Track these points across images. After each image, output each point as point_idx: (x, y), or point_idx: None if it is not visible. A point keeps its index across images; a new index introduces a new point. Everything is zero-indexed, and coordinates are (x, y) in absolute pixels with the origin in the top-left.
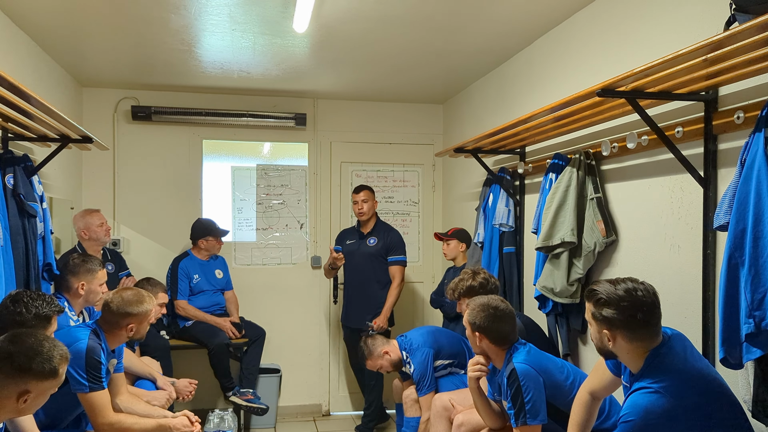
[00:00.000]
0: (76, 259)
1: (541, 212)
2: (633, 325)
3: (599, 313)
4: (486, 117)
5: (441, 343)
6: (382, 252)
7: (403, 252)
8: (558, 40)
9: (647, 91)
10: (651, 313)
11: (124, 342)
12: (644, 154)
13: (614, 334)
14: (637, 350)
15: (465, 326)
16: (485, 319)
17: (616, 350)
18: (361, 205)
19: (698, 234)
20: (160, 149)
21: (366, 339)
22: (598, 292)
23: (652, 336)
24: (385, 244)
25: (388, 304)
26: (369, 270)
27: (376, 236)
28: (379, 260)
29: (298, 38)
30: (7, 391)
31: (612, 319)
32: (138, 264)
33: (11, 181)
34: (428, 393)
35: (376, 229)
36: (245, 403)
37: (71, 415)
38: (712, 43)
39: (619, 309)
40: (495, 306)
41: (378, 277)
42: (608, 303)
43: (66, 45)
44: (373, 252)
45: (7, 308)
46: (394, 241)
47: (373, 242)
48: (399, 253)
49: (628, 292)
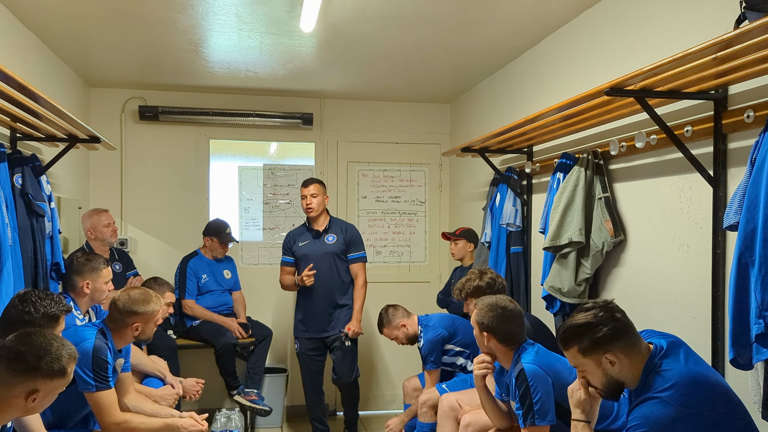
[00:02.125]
0: (81, 258)
1: (548, 212)
2: (621, 330)
3: (589, 341)
4: (493, 116)
5: (457, 330)
6: (343, 249)
7: (364, 248)
8: (566, 38)
9: (656, 90)
10: (624, 313)
11: (131, 342)
12: (653, 154)
13: (613, 352)
14: (635, 361)
15: (473, 326)
16: (493, 319)
17: (621, 373)
18: (310, 200)
19: (708, 234)
20: (167, 149)
21: (388, 307)
22: (575, 325)
23: (639, 340)
24: (345, 241)
25: (357, 307)
26: (331, 270)
27: (334, 233)
28: (340, 259)
29: (304, 38)
30: (16, 390)
31: (603, 336)
32: (145, 263)
33: (20, 181)
34: (433, 369)
35: (331, 225)
36: (249, 404)
37: (79, 415)
38: (722, 41)
39: (602, 321)
40: (503, 306)
41: (342, 277)
42: (590, 325)
43: (74, 45)
44: (334, 250)
45: (15, 307)
46: (355, 237)
47: (332, 239)
48: (360, 249)
49: (595, 306)
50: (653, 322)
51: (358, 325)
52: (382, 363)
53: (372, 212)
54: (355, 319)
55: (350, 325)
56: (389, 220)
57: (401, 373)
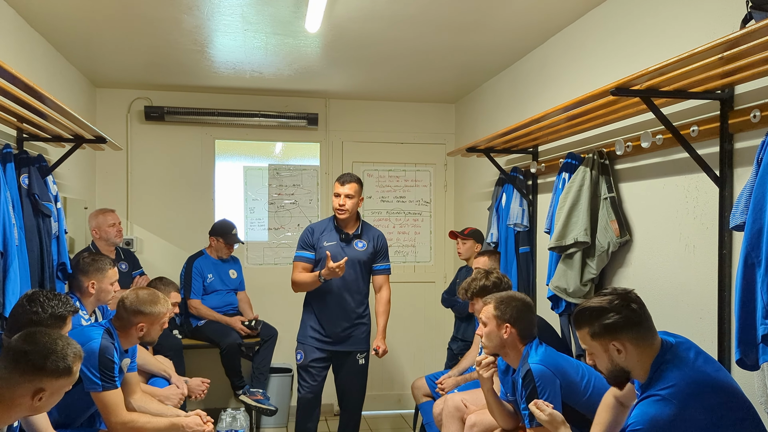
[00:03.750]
0: (86, 259)
1: (554, 212)
2: (633, 320)
3: (599, 326)
4: (498, 116)
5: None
6: (372, 259)
7: (389, 259)
8: (571, 38)
9: (662, 90)
10: (642, 305)
11: (136, 343)
12: (659, 154)
13: (621, 341)
14: (644, 354)
15: (485, 323)
16: (515, 310)
17: (628, 362)
18: (344, 201)
19: (714, 234)
20: (172, 149)
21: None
22: (588, 308)
23: (653, 335)
24: (375, 250)
25: (382, 324)
26: (356, 280)
27: (366, 240)
28: (367, 269)
29: (310, 38)
30: (22, 389)
31: (613, 323)
32: (151, 263)
33: (26, 181)
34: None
35: (363, 230)
36: (254, 403)
37: (85, 414)
38: (729, 41)
39: (615, 308)
40: (521, 298)
41: (364, 288)
42: (603, 309)
43: (80, 46)
44: (363, 258)
45: (23, 308)
46: (384, 247)
47: (363, 246)
48: (387, 261)
49: (614, 292)
50: (659, 323)
51: (384, 343)
52: (389, 363)
53: (377, 212)
54: (381, 336)
55: (378, 343)
56: (394, 220)
57: (408, 373)
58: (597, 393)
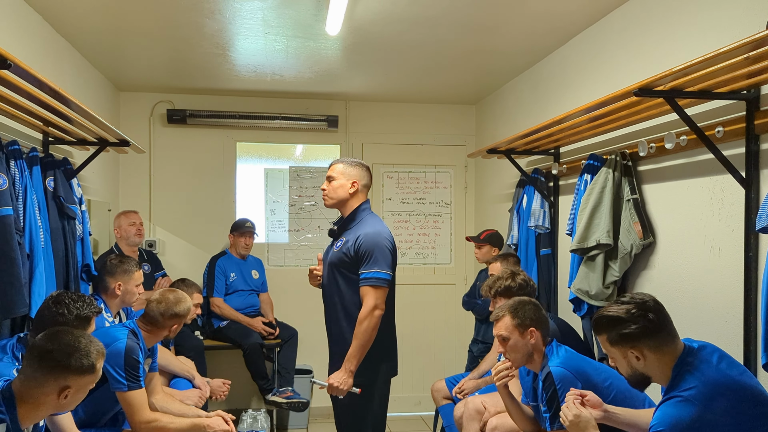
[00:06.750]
0: (114, 260)
1: (576, 214)
2: (652, 330)
3: (617, 334)
4: (519, 117)
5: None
6: (347, 262)
7: (381, 264)
8: (593, 39)
9: (686, 91)
10: (661, 312)
11: (159, 341)
12: (683, 155)
13: (640, 348)
14: (664, 359)
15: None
16: (532, 312)
17: (648, 368)
18: (325, 184)
19: (740, 236)
20: (194, 152)
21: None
22: (606, 316)
23: (673, 339)
24: (353, 252)
25: (349, 351)
26: (326, 288)
27: (348, 237)
28: (341, 274)
29: (330, 41)
30: (49, 387)
31: (631, 332)
32: (173, 265)
33: (52, 184)
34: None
35: (354, 227)
36: (286, 401)
37: (109, 413)
38: (754, 41)
39: (632, 318)
40: (529, 300)
41: (343, 300)
42: (620, 320)
43: (105, 51)
44: (333, 261)
45: (49, 309)
46: (367, 249)
47: (339, 245)
48: (372, 267)
49: (632, 301)
50: (683, 326)
51: (341, 377)
52: (408, 365)
53: (397, 214)
54: (343, 368)
55: (331, 377)
56: (414, 221)
57: (428, 375)
58: (620, 395)
